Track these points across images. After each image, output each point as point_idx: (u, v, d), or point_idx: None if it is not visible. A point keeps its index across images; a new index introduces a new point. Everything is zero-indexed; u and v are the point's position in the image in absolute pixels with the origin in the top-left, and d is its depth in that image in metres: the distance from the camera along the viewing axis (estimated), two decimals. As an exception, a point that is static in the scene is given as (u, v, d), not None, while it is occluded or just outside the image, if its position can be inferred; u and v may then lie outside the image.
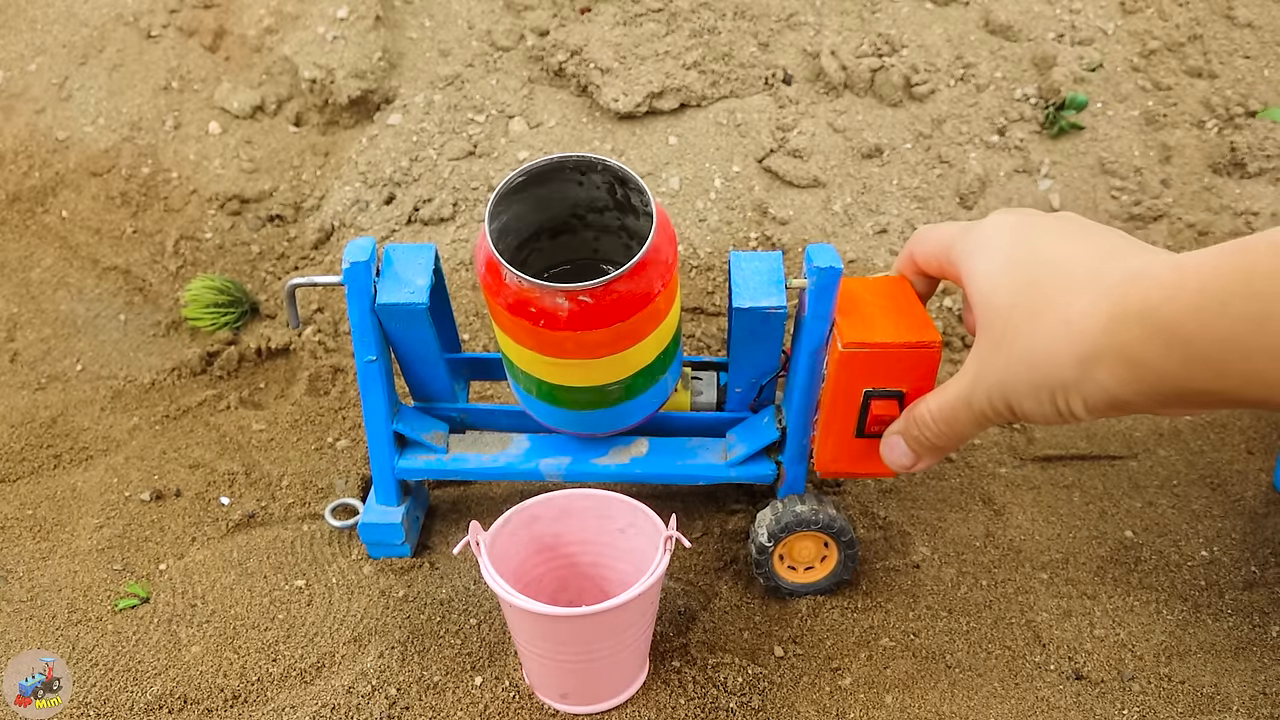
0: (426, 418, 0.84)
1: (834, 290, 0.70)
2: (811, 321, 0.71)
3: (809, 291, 0.71)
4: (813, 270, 0.70)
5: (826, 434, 0.73)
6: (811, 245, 0.72)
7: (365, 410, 0.80)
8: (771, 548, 0.79)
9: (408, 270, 0.76)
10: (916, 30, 1.20)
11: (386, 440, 0.81)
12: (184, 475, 0.96)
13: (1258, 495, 0.94)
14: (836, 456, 0.74)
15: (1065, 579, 0.86)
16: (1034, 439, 0.99)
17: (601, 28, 1.21)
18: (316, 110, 1.25)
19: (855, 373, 0.69)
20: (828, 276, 0.69)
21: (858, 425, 0.71)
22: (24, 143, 1.25)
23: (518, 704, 0.75)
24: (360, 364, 0.77)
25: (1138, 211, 1.11)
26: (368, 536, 0.84)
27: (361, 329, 0.75)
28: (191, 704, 0.75)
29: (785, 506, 0.79)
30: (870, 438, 0.72)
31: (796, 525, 0.78)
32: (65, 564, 0.87)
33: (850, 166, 1.15)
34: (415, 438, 0.82)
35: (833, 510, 0.79)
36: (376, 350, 0.76)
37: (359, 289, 0.74)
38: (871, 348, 0.68)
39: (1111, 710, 0.75)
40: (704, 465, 0.82)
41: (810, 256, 0.71)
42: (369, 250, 0.74)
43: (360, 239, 0.75)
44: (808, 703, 0.75)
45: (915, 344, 0.68)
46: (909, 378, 0.69)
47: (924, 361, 0.68)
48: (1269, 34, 1.18)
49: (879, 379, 0.69)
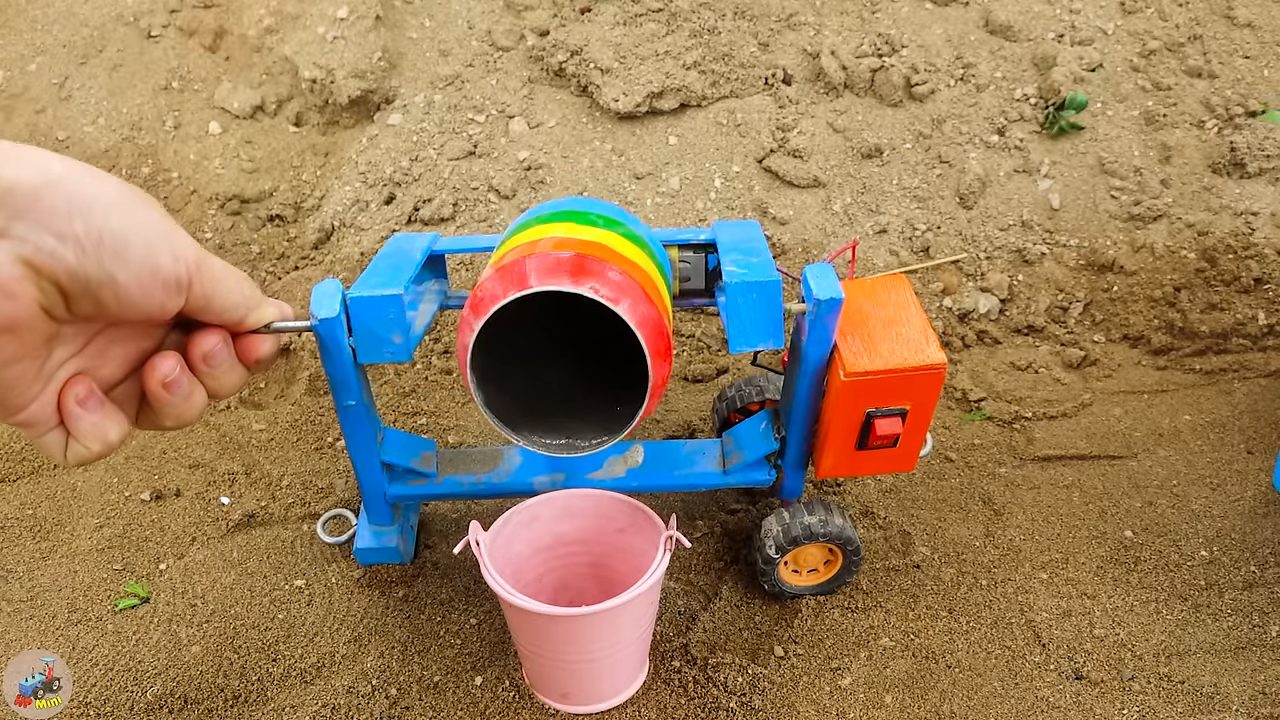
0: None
1: (835, 319, 0.67)
2: (811, 347, 0.68)
3: (809, 320, 0.67)
4: (812, 301, 0.66)
5: (827, 446, 0.72)
6: (810, 269, 0.67)
7: (350, 448, 0.76)
8: (778, 559, 0.79)
9: (382, 324, 0.67)
10: (916, 30, 1.20)
11: (375, 470, 0.77)
12: (184, 475, 0.96)
13: (1258, 495, 0.93)
14: (837, 465, 0.73)
15: (1065, 579, 0.86)
16: (1034, 439, 0.99)
17: (601, 28, 1.21)
18: (316, 110, 1.25)
19: (858, 398, 0.67)
20: (828, 307, 0.66)
21: (859, 440, 0.70)
22: (24, 143, 1.25)
23: (518, 704, 0.75)
24: (340, 407, 0.72)
25: (1137, 211, 1.11)
26: (364, 560, 0.84)
27: (336, 379, 0.69)
28: (191, 704, 0.75)
29: (793, 518, 0.77)
30: (871, 449, 0.71)
31: (806, 539, 0.77)
32: (65, 564, 0.87)
33: (850, 166, 1.15)
34: (404, 465, 0.78)
35: (840, 520, 0.78)
36: (356, 396, 0.70)
37: (332, 342, 0.66)
38: (875, 375, 0.66)
39: (1111, 710, 0.75)
40: (701, 474, 0.80)
41: (809, 286, 0.66)
42: (337, 300, 0.65)
43: (326, 284, 0.66)
44: (808, 703, 0.75)
45: (919, 368, 0.66)
46: (913, 396, 0.68)
47: (928, 382, 0.67)
48: (1269, 34, 1.18)
49: (882, 400, 0.68)
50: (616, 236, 0.65)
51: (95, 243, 0.44)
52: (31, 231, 0.43)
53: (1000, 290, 1.09)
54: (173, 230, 0.47)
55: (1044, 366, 1.06)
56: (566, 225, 0.65)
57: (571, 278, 0.57)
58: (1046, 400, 1.03)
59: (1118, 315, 1.09)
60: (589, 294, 0.56)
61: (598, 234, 0.64)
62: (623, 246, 0.64)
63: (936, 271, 1.11)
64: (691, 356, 1.06)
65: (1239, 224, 1.10)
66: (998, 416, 1.01)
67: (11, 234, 0.42)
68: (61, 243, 0.43)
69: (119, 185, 0.46)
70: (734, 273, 0.65)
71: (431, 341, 1.08)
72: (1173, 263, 1.09)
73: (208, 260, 0.49)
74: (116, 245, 0.45)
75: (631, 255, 0.64)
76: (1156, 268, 1.09)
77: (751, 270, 0.66)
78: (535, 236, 0.64)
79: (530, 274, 0.58)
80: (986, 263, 1.11)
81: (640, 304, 0.59)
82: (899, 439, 0.70)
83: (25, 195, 0.42)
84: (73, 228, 0.44)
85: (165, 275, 0.46)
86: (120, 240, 0.45)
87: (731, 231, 0.73)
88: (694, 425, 0.98)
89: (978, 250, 1.11)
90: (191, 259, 0.48)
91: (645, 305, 0.59)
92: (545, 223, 0.66)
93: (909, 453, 0.73)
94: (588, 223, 0.66)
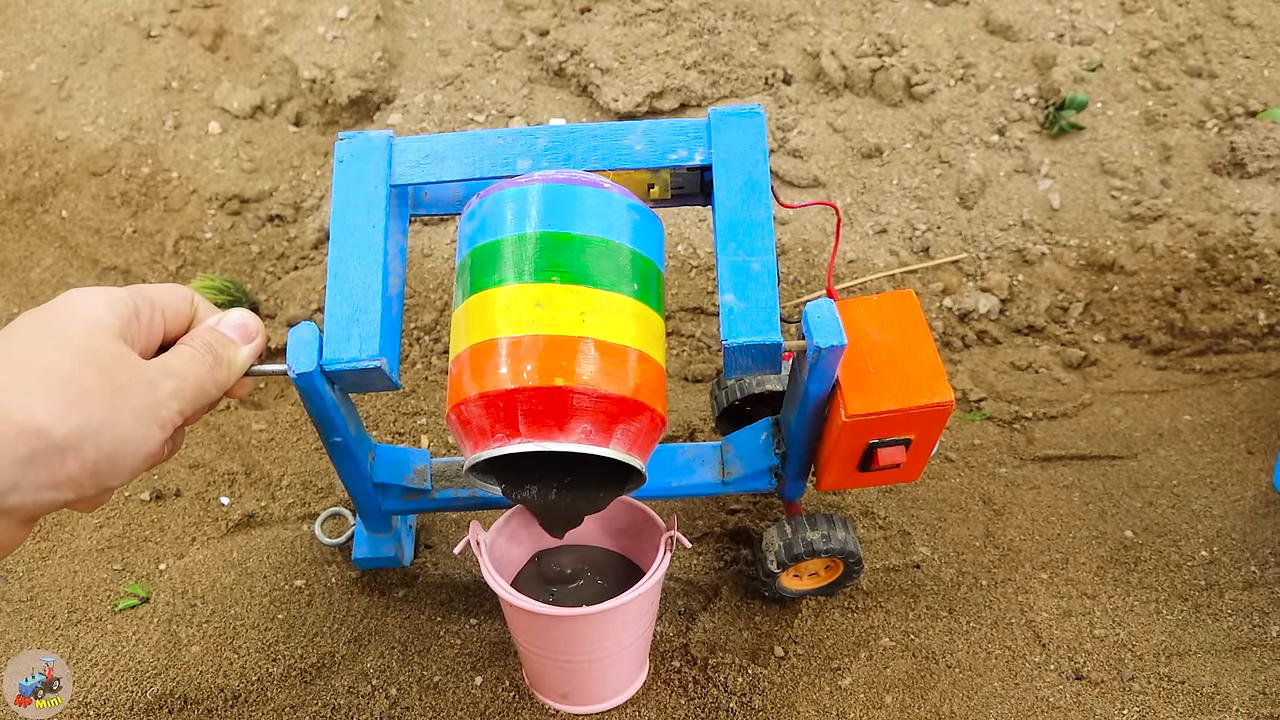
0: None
1: (836, 363, 0.63)
2: (813, 385, 0.64)
3: (809, 362, 0.62)
4: (813, 349, 0.61)
5: (829, 467, 0.70)
6: (810, 307, 0.61)
7: (340, 474, 0.72)
8: (779, 574, 0.78)
9: (364, 383, 0.63)
10: (916, 30, 1.20)
11: (368, 491, 0.75)
12: (184, 475, 0.96)
13: (1258, 495, 0.93)
14: (839, 481, 0.72)
15: (1065, 579, 0.86)
16: (1034, 439, 0.99)
17: (601, 27, 1.21)
18: (316, 110, 1.25)
19: (859, 434, 0.65)
20: (829, 353, 0.61)
21: (861, 464, 0.69)
22: (24, 143, 1.25)
23: (518, 704, 0.75)
24: (327, 442, 0.69)
25: (1137, 211, 1.11)
26: (363, 566, 0.84)
27: (319, 420, 0.65)
28: (191, 704, 0.75)
29: (795, 533, 0.76)
30: (874, 471, 0.69)
31: (807, 555, 0.76)
32: (65, 564, 0.87)
33: (850, 166, 1.15)
34: (397, 483, 0.75)
35: (843, 533, 0.76)
36: (342, 433, 0.67)
37: (312, 391, 0.62)
38: (879, 415, 0.63)
39: (1111, 710, 0.75)
40: (700, 483, 0.77)
41: (810, 328, 0.61)
42: (314, 350, 0.60)
43: (302, 330, 0.61)
44: (808, 703, 0.75)
45: (924, 407, 0.63)
46: (917, 429, 0.66)
47: (934, 417, 0.64)
48: (1269, 34, 1.18)
49: (885, 433, 0.65)
50: (605, 300, 0.59)
51: (91, 474, 0.47)
52: (29, 496, 0.44)
53: (1000, 290, 1.09)
54: (151, 391, 0.49)
55: (1044, 366, 1.06)
56: (546, 292, 0.59)
57: (559, 427, 0.57)
58: (1046, 400, 1.03)
59: (1118, 315, 1.09)
60: (578, 447, 0.57)
61: (583, 305, 0.58)
62: (615, 315, 0.59)
63: (936, 271, 1.11)
64: (691, 356, 1.06)
65: (1239, 224, 1.10)
66: (998, 416, 1.01)
67: (6, 504, 0.44)
68: (58, 491, 0.45)
69: (100, 386, 0.46)
70: (731, 309, 0.61)
71: (431, 341, 1.08)
72: (1173, 263, 1.09)
73: (180, 372, 0.52)
74: (113, 464, 0.48)
75: (621, 325, 0.59)
76: (1156, 268, 1.09)
77: (750, 306, 0.61)
78: (515, 312, 0.58)
79: (520, 422, 0.57)
80: (986, 263, 1.11)
81: (633, 419, 0.59)
82: (902, 464, 0.68)
83: (16, 467, 0.44)
84: (67, 471, 0.45)
85: (156, 448, 0.50)
86: (115, 458, 0.48)
87: (730, 168, 0.66)
88: (694, 426, 0.98)
89: (978, 250, 1.11)
90: (175, 408, 0.50)
91: (639, 419, 0.59)
92: (520, 274, 0.59)
93: (914, 469, 0.71)
94: (571, 276, 0.59)
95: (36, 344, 0.46)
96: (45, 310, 0.48)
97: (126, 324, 0.49)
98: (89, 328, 0.47)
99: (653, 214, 0.65)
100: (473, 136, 0.67)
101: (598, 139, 0.66)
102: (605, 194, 0.61)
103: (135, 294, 0.52)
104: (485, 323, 0.59)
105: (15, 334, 0.47)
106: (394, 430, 1.00)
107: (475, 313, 0.60)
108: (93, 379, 0.45)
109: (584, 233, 0.60)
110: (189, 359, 0.52)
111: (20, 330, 0.47)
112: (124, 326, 0.49)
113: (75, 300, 0.49)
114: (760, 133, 0.66)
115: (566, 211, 0.60)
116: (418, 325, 1.08)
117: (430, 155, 0.67)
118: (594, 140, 0.66)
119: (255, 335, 0.58)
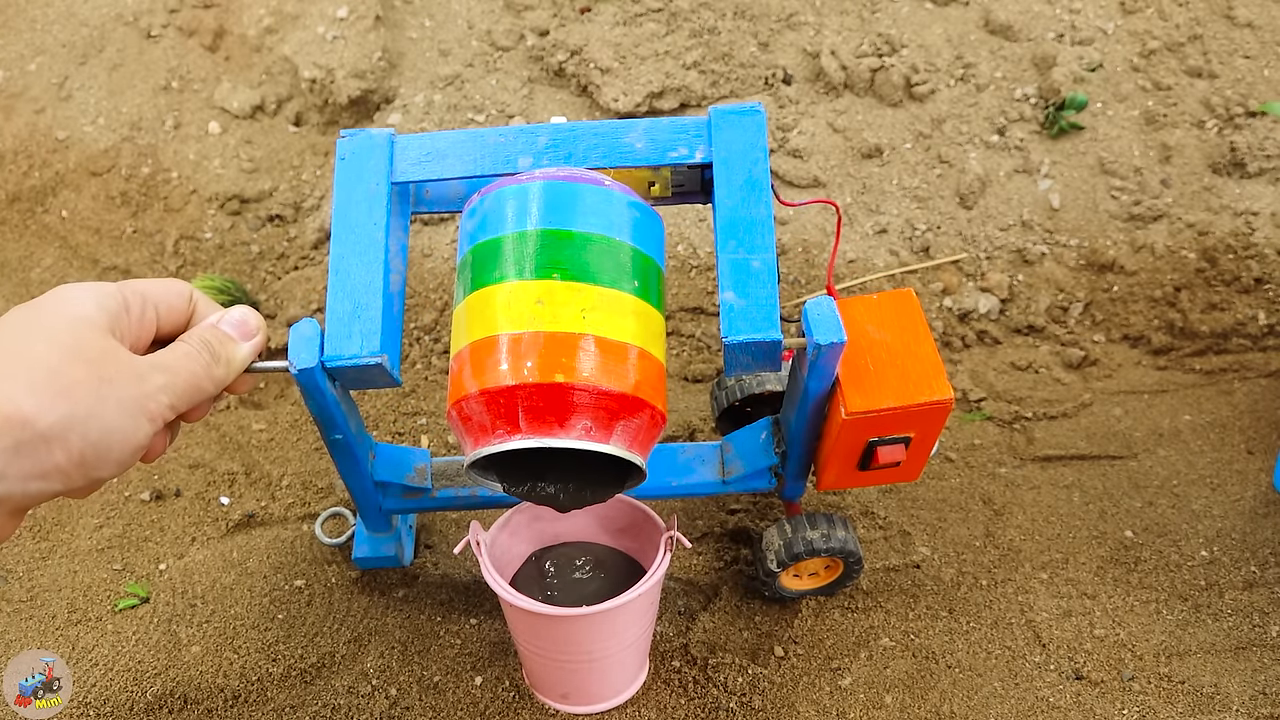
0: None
1: (836, 360, 0.63)
2: (813, 382, 0.64)
3: (809, 359, 0.62)
4: (813, 346, 0.61)
5: (829, 466, 0.70)
6: (810, 304, 0.62)
7: (340, 472, 0.72)
8: (779, 573, 0.78)
9: (365, 379, 0.63)
10: (916, 30, 1.20)
11: (369, 490, 0.75)
12: (184, 475, 0.96)
13: (1258, 495, 0.93)
14: (839, 481, 0.72)
15: (1065, 579, 0.86)
16: (1034, 439, 0.99)
17: (601, 27, 1.21)
18: (316, 110, 1.25)
19: (859, 432, 0.66)
20: (829, 350, 0.61)
21: (861, 462, 0.69)
22: (24, 143, 1.25)
23: (518, 704, 0.75)
24: (327, 440, 0.69)
25: (1137, 211, 1.11)
26: (363, 566, 0.84)
27: (320, 418, 0.66)
28: (191, 704, 0.75)
29: (795, 533, 0.76)
30: (874, 470, 0.69)
31: (807, 554, 0.76)
32: (65, 564, 0.87)
33: (850, 166, 1.15)
34: (397, 482, 0.75)
35: (844, 532, 0.76)
36: (343, 429, 0.67)
37: (313, 387, 0.62)
38: (878, 413, 0.64)
39: (1111, 710, 0.75)
40: (700, 483, 0.77)
41: (810, 325, 0.61)
42: (315, 346, 0.61)
43: (303, 327, 0.61)
44: (808, 703, 0.75)
45: (924, 405, 0.63)
46: (917, 427, 0.66)
47: (934, 415, 0.65)
48: (1269, 34, 1.18)
49: (885, 431, 0.66)
50: (606, 297, 0.59)
51: (78, 464, 0.47)
52: (16, 486, 0.44)
53: (1000, 290, 1.09)
54: (139, 384, 0.49)
55: (1044, 366, 1.06)
56: (547, 289, 0.58)
57: (559, 423, 0.57)
58: (1047, 400, 1.03)
59: (1118, 315, 1.09)
60: (578, 443, 0.57)
61: (584, 302, 0.58)
62: (616, 312, 0.59)
63: (936, 271, 1.11)
64: (691, 356, 1.06)
65: (1239, 224, 1.10)
66: (998, 416, 1.01)
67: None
68: (46, 481, 0.45)
69: (86, 378, 0.46)
70: (731, 307, 0.61)
71: (431, 341, 1.08)
72: (1173, 263, 1.09)
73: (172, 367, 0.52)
74: (100, 454, 0.48)
75: (622, 322, 0.59)
76: (1157, 268, 1.09)
77: (750, 304, 0.61)
78: (516, 309, 0.58)
79: (520, 419, 0.57)
80: (986, 263, 1.11)
81: (634, 416, 0.58)
82: (902, 462, 0.69)
83: (2, 457, 0.44)
84: (53, 460, 0.45)
85: (144, 440, 0.50)
86: (102, 449, 0.48)
87: (731, 166, 0.65)
88: (694, 426, 0.98)
89: (978, 250, 1.11)
90: (165, 401, 0.51)
91: (639, 416, 0.59)
92: (521, 271, 0.59)
93: (913, 468, 0.71)
94: (572, 273, 0.58)
95: (24, 337, 0.46)
96: (34, 305, 0.49)
97: (115, 318, 0.50)
98: (76, 322, 0.48)
99: (653, 211, 0.65)
100: (474, 134, 0.67)
101: (599, 137, 0.66)
102: (606, 191, 0.61)
103: (125, 288, 0.52)
104: (486, 319, 0.59)
105: (3, 328, 0.47)
106: (394, 430, 1.00)
107: (476, 309, 0.60)
108: (79, 370, 0.46)
109: (585, 230, 0.60)
110: (183, 354, 0.52)
111: (8, 324, 0.47)
112: (112, 321, 0.49)
113: (64, 295, 0.49)
114: (761, 131, 0.66)
115: (567, 209, 0.60)
116: (418, 325, 1.08)
117: (431, 153, 0.67)
118: (595, 138, 0.66)
119: (255, 332, 0.58)
